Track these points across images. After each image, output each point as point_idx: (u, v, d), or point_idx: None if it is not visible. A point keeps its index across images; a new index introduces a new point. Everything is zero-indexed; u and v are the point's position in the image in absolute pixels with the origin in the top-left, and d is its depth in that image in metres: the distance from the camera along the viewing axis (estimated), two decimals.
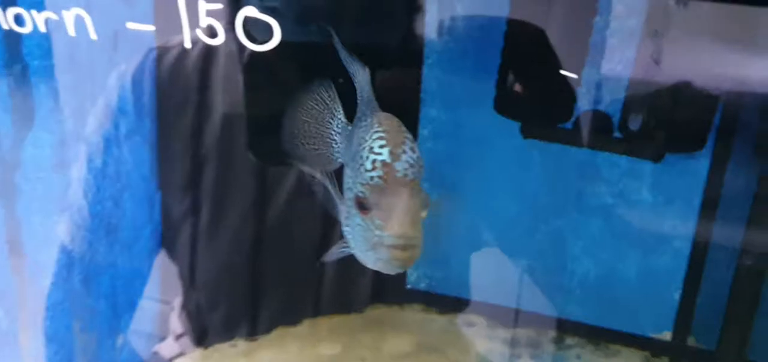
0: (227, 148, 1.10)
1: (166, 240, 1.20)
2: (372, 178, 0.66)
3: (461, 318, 1.40)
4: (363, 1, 1.09)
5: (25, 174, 0.85)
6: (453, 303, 1.42)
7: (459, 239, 1.39)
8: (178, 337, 1.25)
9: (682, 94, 1.10)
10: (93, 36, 0.80)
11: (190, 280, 1.21)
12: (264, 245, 1.25)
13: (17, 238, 0.85)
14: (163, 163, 1.14)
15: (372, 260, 0.68)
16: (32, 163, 0.85)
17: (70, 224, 0.96)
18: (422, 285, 1.45)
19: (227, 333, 1.28)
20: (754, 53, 1.05)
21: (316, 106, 0.82)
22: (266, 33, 0.85)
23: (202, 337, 1.27)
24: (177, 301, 1.21)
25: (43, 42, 0.81)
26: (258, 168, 1.14)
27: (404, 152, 0.66)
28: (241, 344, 1.27)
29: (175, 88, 1.07)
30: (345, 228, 0.75)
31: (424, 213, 0.67)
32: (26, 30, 0.76)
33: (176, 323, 1.23)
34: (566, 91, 1.17)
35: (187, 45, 0.88)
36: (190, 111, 1.09)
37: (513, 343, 1.32)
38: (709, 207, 1.19)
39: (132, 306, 1.14)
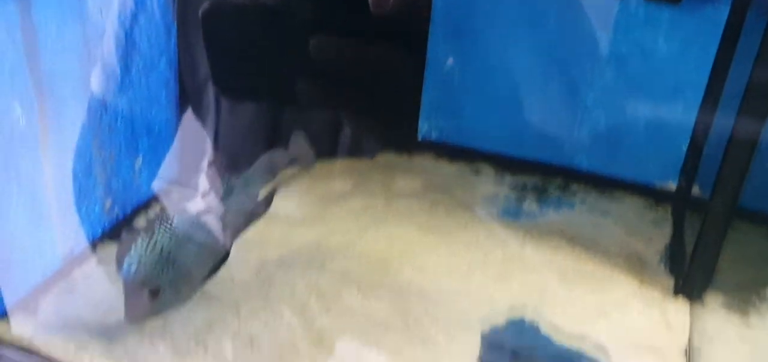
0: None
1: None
2: None
3: (470, 166, 1.42)
4: None
5: None
6: (463, 153, 1.44)
7: (470, 90, 1.40)
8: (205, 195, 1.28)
9: None
10: None
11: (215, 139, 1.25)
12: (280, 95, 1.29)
13: (34, 43, 0.88)
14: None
15: None
16: None
17: (88, 39, 0.98)
18: (433, 136, 1.47)
19: None
20: None
21: None
22: None
23: None
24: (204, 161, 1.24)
25: None
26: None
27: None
28: None
29: None
30: None
31: None
32: None
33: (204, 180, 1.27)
34: None
35: None
36: None
37: (519, 188, 1.34)
38: (724, 57, 1.18)
39: (149, 131, 1.17)
